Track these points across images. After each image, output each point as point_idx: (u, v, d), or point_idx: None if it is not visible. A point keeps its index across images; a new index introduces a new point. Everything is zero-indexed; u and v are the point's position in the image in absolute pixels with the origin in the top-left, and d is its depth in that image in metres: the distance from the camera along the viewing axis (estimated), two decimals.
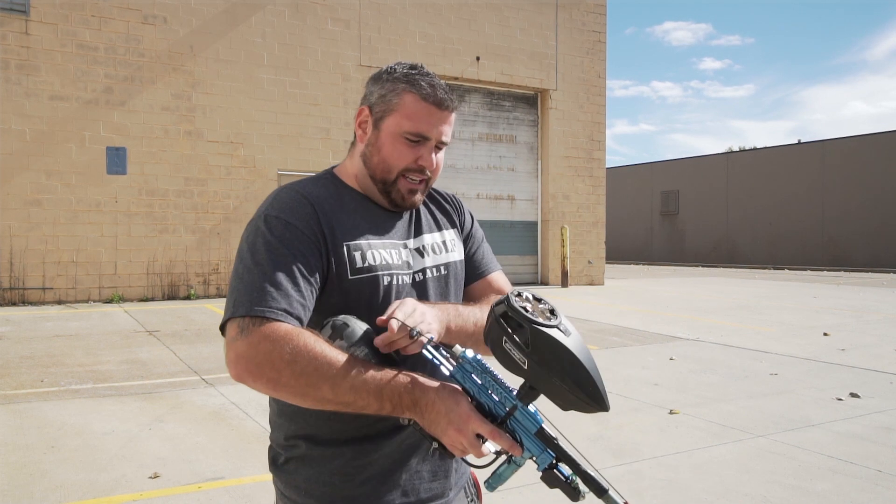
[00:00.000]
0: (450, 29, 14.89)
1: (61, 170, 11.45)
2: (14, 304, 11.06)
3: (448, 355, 1.13)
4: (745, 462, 4.05)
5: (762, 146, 31.50)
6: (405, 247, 1.37)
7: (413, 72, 1.32)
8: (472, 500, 1.46)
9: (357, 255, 1.28)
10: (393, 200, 1.36)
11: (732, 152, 32.18)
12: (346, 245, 1.28)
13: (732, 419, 4.93)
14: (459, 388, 1.14)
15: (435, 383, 1.14)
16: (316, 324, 1.22)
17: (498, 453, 1.14)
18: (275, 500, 1.39)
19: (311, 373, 1.09)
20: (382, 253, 1.32)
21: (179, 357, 6.96)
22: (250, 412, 4.98)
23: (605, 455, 4.17)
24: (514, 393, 1.12)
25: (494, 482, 1.15)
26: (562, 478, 1.10)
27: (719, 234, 29.54)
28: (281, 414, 1.36)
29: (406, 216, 1.42)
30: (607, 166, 18.48)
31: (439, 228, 1.47)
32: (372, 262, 1.29)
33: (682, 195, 31.03)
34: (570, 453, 1.12)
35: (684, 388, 5.92)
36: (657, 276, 21.28)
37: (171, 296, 12.23)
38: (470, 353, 1.13)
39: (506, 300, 1.09)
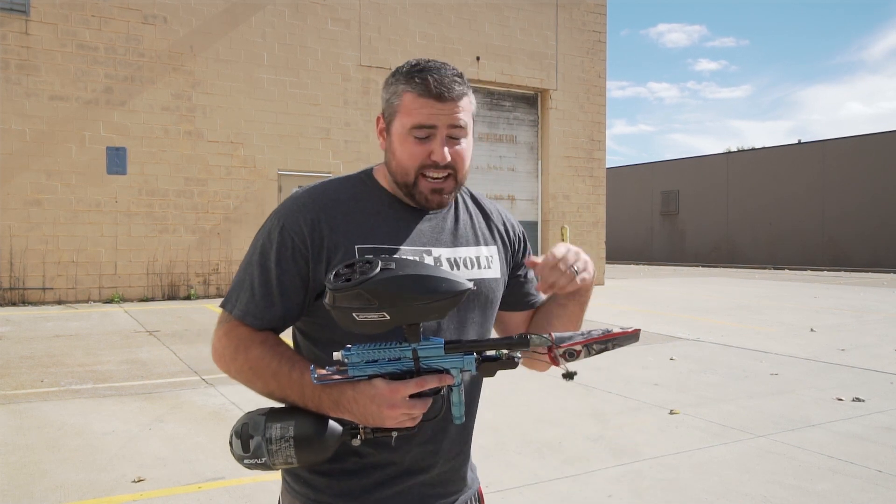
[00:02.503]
0: (450, 29, 14.88)
1: (61, 170, 11.45)
2: (14, 304, 11.06)
3: (335, 368, 1.16)
4: (746, 462, 4.05)
5: (762, 146, 31.50)
6: (429, 254, 1.33)
7: (413, 69, 1.28)
8: None
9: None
10: (418, 203, 1.33)
11: (732, 152, 32.15)
12: (358, 248, 1.27)
13: (732, 419, 4.93)
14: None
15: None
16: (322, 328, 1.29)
17: (436, 392, 1.18)
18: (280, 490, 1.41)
19: (246, 371, 1.25)
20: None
21: (179, 357, 6.96)
22: None
23: (605, 455, 4.17)
24: (404, 343, 1.16)
25: (457, 413, 1.20)
26: (493, 360, 1.18)
27: (719, 234, 29.53)
28: None
29: (441, 225, 1.38)
30: (607, 166, 18.48)
31: (477, 243, 1.41)
32: None
33: (682, 195, 31.02)
34: (478, 342, 1.19)
35: (684, 388, 5.92)
36: (657, 276, 21.27)
37: (172, 296, 12.23)
38: (340, 352, 1.15)
39: (328, 289, 1.11)
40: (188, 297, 12.27)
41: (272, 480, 3.69)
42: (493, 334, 1.48)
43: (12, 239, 11.10)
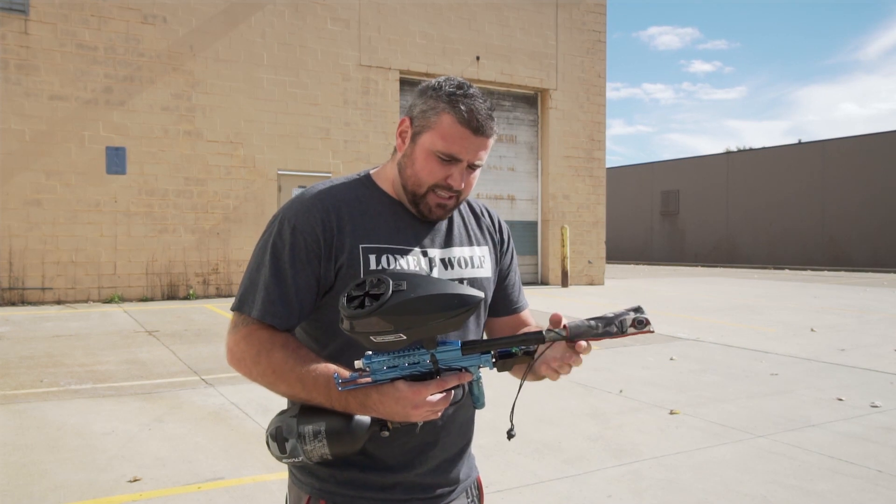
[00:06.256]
0: (450, 29, 14.88)
1: (61, 170, 11.45)
2: (14, 304, 11.05)
3: (358, 374, 1.20)
4: (746, 462, 4.05)
5: (762, 146, 31.50)
6: (425, 255, 1.38)
7: (458, 92, 1.32)
8: (472, 501, 1.49)
9: (372, 257, 1.32)
10: (420, 212, 1.39)
11: (732, 152, 32.16)
12: (362, 248, 1.32)
13: (732, 419, 4.93)
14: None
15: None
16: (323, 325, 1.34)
17: (456, 388, 1.24)
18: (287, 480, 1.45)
19: (270, 374, 1.27)
20: (399, 258, 1.34)
21: (179, 357, 6.96)
22: (250, 412, 4.98)
23: (605, 455, 4.16)
24: (422, 348, 1.20)
25: (477, 402, 1.32)
26: (509, 356, 1.25)
27: (719, 234, 29.54)
28: None
29: (437, 226, 1.43)
30: (607, 166, 18.48)
31: (471, 243, 1.48)
32: (386, 266, 1.33)
33: (682, 195, 31.03)
34: (493, 341, 1.24)
35: (684, 388, 5.91)
36: (657, 275, 21.28)
37: (171, 296, 12.23)
38: (361, 360, 1.19)
39: (342, 314, 1.13)
40: (187, 297, 12.26)
41: (272, 480, 3.69)
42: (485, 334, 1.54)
43: (12, 239, 11.09)
